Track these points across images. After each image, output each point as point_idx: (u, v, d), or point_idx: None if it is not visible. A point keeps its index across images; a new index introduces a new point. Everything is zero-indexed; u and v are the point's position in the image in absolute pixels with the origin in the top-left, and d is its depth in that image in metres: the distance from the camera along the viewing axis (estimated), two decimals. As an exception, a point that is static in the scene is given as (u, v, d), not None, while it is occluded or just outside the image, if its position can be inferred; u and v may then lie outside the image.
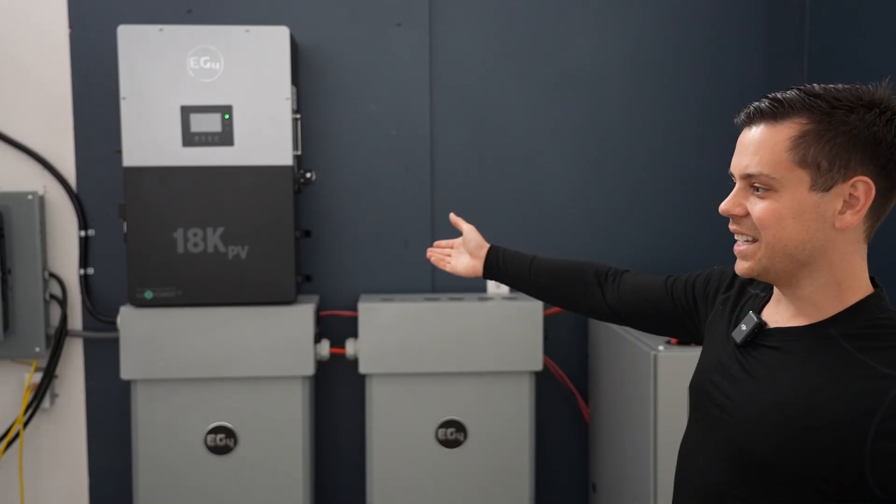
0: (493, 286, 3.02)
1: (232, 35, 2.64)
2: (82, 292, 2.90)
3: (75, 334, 2.93)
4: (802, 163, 1.16)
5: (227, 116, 2.65)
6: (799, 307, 1.23)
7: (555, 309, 2.97)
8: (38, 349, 2.85)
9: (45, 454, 2.96)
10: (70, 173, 2.90)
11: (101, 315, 2.89)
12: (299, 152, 2.81)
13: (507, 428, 2.79)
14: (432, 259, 1.98)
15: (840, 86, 1.18)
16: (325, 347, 2.84)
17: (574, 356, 3.05)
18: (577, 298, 1.74)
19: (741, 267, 1.25)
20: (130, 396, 2.75)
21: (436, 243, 2.00)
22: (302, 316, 2.72)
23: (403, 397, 2.78)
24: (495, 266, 1.84)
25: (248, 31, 2.65)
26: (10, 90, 2.86)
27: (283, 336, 2.71)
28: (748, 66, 3.04)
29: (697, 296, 1.51)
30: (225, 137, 2.65)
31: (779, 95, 1.20)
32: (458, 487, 2.80)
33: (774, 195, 1.17)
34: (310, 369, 2.73)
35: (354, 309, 2.87)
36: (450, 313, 2.76)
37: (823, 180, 1.16)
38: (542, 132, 3.02)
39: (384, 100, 2.97)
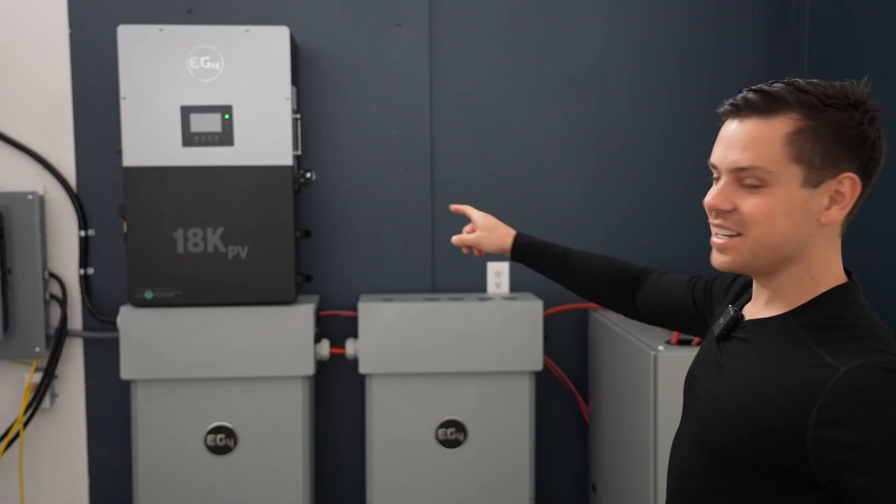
0: (493, 286, 3.02)
1: (232, 35, 2.64)
2: (82, 292, 2.90)
3: (75, 334, 2.93)
4: (798, 159, 1.14)
5: (227, 116, 2.65)
6: (771, 298, 1.23)
7: (555, 309, 2.98)
8: (38, 349, 2.85)
9: (45, 454, 2.96)
10: (70, 173, 2.90)
11: (101, 315, 2.89)
12: (299, 152, 2.81)
13: (507, 428, 2.79)
14: (465, 245, 1.92)
15: (824, 82, 1.17)
16: (325, 347, 2.84)
17: (574, 356, 3.05)
18: (608, 301, 1.81)
19: (720, 260, 1.22)
20: (130, 396, 2.75)
21: (458, 238, 1.94)
22: (302, 316, 2.72)
23: (403, 397, 2.78)
24: (523, 255, 1.85)
25: (248, 31, 2.65)
26: (10, 90, 2.87)
27: (283, 336, 2.71)
28: (748, 66, 3.05)
29: (715, 297, 1.49)
30: (225, 137, 2.65)
31: (767, 88, 1.17)
32: (458, 487, 2.80)
33: (767, 191, 1.15)
34: (310, 369, 2.73)
35: (354, 309, 2.87)
36: (450, 313, 2.76)
37: (815, 176, 1.14)
38: (543, 132, 3.02)
39: (384, 100, 2.97)
